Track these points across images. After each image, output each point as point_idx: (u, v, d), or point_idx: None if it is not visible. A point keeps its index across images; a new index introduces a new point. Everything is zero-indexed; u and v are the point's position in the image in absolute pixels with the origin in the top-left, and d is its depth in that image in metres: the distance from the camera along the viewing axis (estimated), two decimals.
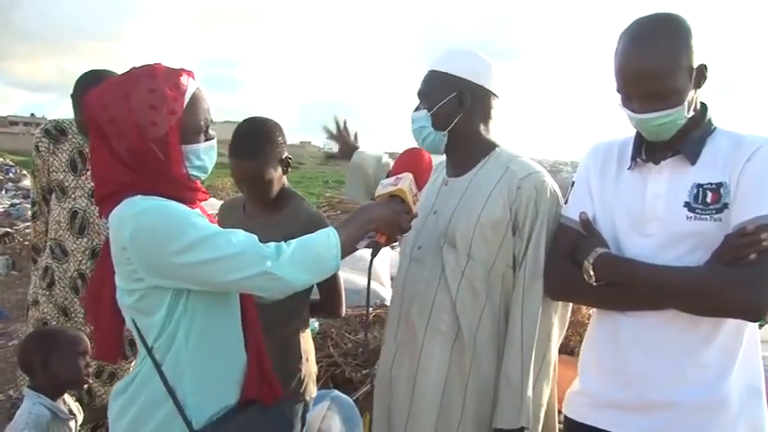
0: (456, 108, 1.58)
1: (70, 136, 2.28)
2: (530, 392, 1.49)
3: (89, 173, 2.18)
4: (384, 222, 1.33)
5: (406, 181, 1.38)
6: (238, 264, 1.17)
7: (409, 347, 1.59)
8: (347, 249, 1.29)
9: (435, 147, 1.62)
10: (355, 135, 2.02)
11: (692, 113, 1.29)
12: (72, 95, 2.22)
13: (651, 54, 1.24)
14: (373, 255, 1.43)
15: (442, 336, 1.54)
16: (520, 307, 1.50)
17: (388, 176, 1.44)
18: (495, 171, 1.58)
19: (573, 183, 1.50)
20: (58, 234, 2.28)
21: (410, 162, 1.44)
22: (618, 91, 1.32)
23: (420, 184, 1.43)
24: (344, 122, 2.03)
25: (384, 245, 1.38)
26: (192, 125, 1.25)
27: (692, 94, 1.28)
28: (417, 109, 1.63)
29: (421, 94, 1.63)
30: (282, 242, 1.23)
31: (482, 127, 1.63)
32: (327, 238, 1.26)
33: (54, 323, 2.27)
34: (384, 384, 1.66)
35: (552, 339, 1.53)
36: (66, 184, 2.26)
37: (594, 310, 1.50)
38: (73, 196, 2.27)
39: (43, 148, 2.27)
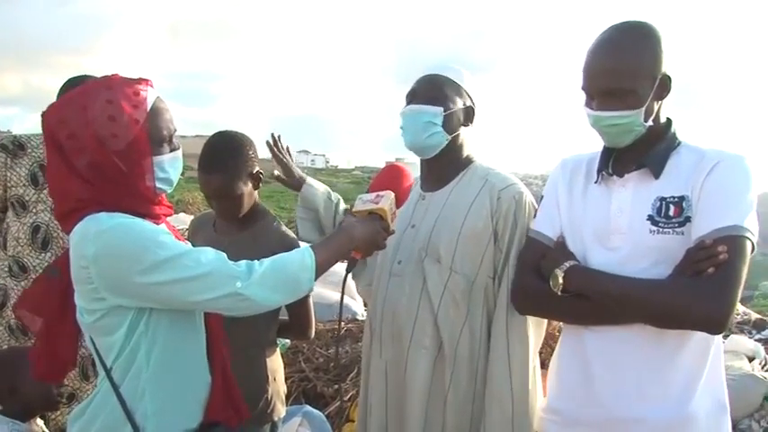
0: (463, 120, 1.61)
1: (29, 150, 2.24)
2: (525, 412, 1.49)
3: None
4: (364, 242, 1.33)
5: (387, 200, 1.36)
6: (206, 284, 1.14)
7: (394, 364, 1.59)
8: (323, 270, 1.26)
9: (435, 147, 1.59)
10: (287, 149, 1.90)
11: (650, 123, 1.30)
12: None
13: (614, 52, 1.27)
14: (348, 271, 1.41)
15: (426, 350, 1.54)
16: (504, 324, 1.50)
17: (367, 192, 1.42)
18: (473, 184, 1.59)
19: (542, 197, 1.51)
20: (17, 251, 2.21)
21: (392, 179, 1.43)
22: (582, 88, 1.33)
23: (399, 202, 1.42)
24: (278, 138, 1.89)
25: (359, 260, 1.37)
26: (154, 135, 1.20)
27: (652, 102, 1.28)
28: (421, 104, 1.57)
29: (429, 93, 1.58)
30: (255, 261, 1.20)
31: (467, 143, 1.65)
32: (302, 259, 1.23)
33: (4, 346, 2.18)
34: (380, 404, 1.62)
35: (530, 350, 1.53)
36: (27, 198, 2.21)
37: (563, 325, 1.50)
38: (34, 210, 2.21)
39: (0, 163, 2.20)
